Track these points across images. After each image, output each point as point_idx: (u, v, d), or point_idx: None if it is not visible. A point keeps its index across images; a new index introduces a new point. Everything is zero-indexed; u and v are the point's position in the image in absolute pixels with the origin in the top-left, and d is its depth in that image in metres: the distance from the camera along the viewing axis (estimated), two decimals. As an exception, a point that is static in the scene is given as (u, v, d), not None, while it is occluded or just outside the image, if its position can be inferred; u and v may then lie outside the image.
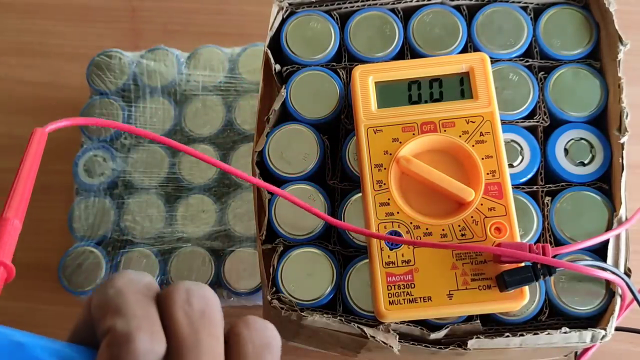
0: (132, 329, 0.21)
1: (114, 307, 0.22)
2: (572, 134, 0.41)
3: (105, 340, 0.22)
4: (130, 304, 0.22)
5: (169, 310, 0.23)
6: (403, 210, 0.37)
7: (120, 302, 0.22)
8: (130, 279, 0.24)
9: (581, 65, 0.42)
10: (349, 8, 0.44)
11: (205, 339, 0.23)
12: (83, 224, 0.53)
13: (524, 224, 0.39)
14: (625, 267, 0.38)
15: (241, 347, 0.24)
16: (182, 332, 0.22)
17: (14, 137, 0.62)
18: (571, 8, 0.43)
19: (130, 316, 0.22)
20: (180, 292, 0.23)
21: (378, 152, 0.38)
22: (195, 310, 0.23)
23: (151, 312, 0.23)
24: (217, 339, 0.23)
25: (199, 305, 0.23)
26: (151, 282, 0.24)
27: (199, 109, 0.56)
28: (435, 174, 0.37)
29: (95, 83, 0.57)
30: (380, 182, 0.37)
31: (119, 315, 0.22)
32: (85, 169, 0.54)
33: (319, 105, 0.42)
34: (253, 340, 0.24)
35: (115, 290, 0.23)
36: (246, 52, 0.57)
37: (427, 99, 0.39)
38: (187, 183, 0.54)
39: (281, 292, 0.38)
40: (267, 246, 0.40)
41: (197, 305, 0.23)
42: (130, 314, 0.22)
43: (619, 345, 0.51)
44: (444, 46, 0.42)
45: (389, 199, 0.37)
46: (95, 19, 0.66)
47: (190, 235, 0.52)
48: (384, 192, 0.37)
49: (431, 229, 0.36)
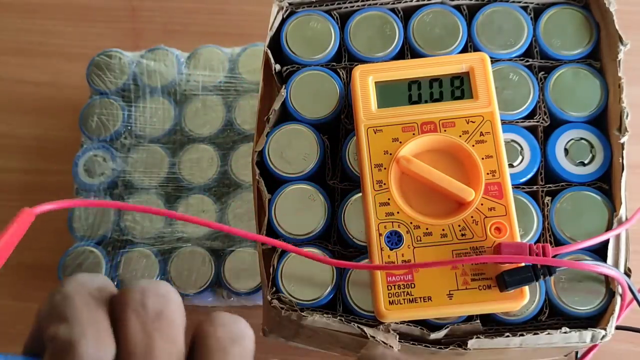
0: (76, 336, 0.20)
1: (59, 313, 0.21)
2: (572, 134, 0.41)
3: (49, 349, 0.21)
4: (76, 309, 0.21)
5: (120, 314, 0.22)
6: (403, 210, 0.37)
7: (66, 308, 0.21)
8: (80, 282, 0.22)
9: (581, 65, 0.42)
10: (349, 8, 0.44)
11: (160, 344, 0.21)
12: (83, 224, 0.53)
13: (524, 224, 0.39)
14: (625, 267, 0.38)
15: (204, 343, 0.22)
16: (133, 337, 0.21)
17: (14, 137, 0.62)
18: (571, 8, 0.43)
19: (75, 322, 0.21)
20: (133, 293, 0.22)
21: (378, 152, 0.38)
22: (149, 313, 0.22)
23: (99, 316, 0.21)
24: (173, 342, 0.21)
25: (154, 306, 0.22)
26: (104, 284, 0.23)
27: (199, 109, 0.56)
28: (435, 174, 0.37)
29: (95, 83, 0.57)
30: (380, 182, 0.37)
31: (63, 321, 0.21)
32: (85, 169, 0.54)
33: (319, 105, 0.42)
34: (217, 335, 0.22)
35: (61, 296, 0.21)
36: (246, 52, 0.57)
37: (427, 99, 0.39)
38: (187, 183, 0.54)
39: (281, 292, 0.38)
40: (267, 246, 0.40)
41: (152, 307, 0.22)
42: (74, 319, 0.21)
43: (619, 345, 0.51)
44: (444, 46, 0.42)
45: (389, 199, 0.37)
46: (95, 19, 0.66)
47: (190, 235, 0.52)
48: (384, 192, 0.37)
49: (431, 229, 0.36)
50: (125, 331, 0.21)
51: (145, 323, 0.21)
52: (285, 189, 0.40)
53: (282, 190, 0.40)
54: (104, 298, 0.22)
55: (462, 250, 0.36)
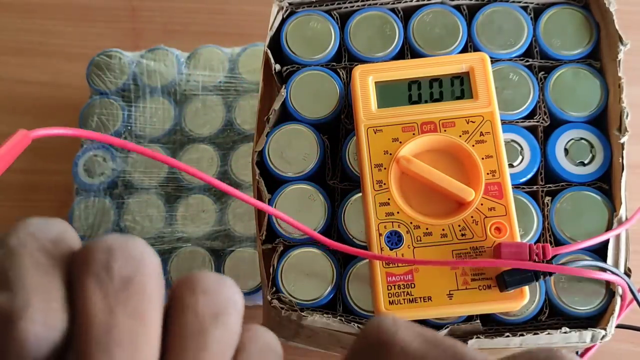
0: (18, 306, 0.16)
1: (0, 275, 0.16)
2: (572, 134, 0.41)
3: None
4: (22, 270, 0.16)
5: (77, 280, 0.17)
6: (403, 210, 0.37)
7: (8, 268, 0.16)
8: (31, 233, 0.17)
9: (581, 65, 0.42)
10: (349, 8, 0.44)
11: (124, 321, 0.16)
12: (83, 224, 0.53)
13: (524, 224, 0.39)
14: (625, 267, 0.38)
15: (180, 321, 0.18)
16: (91, 311, 0.16)
17: (14, 137, 0.62)
18: (571, 8, 0.43)
19: (18, 288, 0.16)
20: (97, 253, 0.17)
21: (378, 152, 0.38)
22: (115, 280, 0.17)
23: (51, 280, 0.17)
24: (141, 320, 0.17)
25: (122, 271, 0.17)
26: (61, 236, 0.18)
27: (199, 109, 0.56)
28: (435, 174, 0.37)
29: (95, 83, 0.57)
30: (380, 182, 0.37)
31: (5, 287, 0.16)
32: (85, 168, 0.54)
33: (319, 105, 0.42)
34: (197, 308, 0.18)
35: (4, 251, 0.17)
36: (246, 52, 0.57)
37: (427, 99, 0.39)
38: (187, 183, 0.54)
39: (281, 292, 0.38)
40: (267, 246, 0.40)
41: (119, 272, 0.17)
42: (18, 285, 0.16)
43: (619, 345, 0.51)
44: (444, 46, 0.42)
45: (389, 199, 0.37)
46: (95, 19, 0.66)
47: (190, 235, 0.52)
48: (384, 192, 0.37)
49: (431, 229, 0.36)
50: (82, 303, 0.16)
51: (108, 293, 0.17)
52: (285, 189, 0.40)
53: (282, 190, 0.40)
54: (60, 255, 0.17)
55: (462, 250, 0.36)
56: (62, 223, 0.18)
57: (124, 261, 0.17)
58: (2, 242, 0.17)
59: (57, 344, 0.16)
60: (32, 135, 0.23)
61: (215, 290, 0.18)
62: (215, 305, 0.18)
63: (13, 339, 0.16)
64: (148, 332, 0.17)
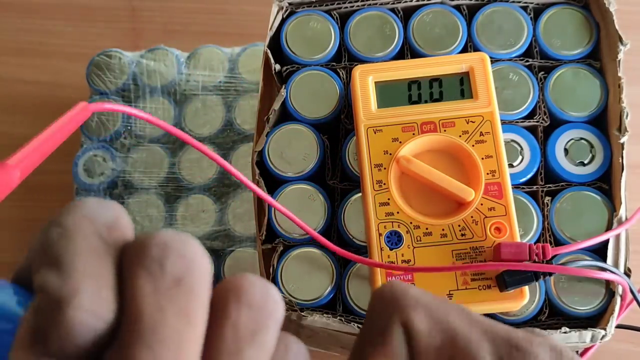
0: (68, 291, 0.15)
1: (53, 255, 0.16)
2: (572, 134, 0.41)
3: (36, 300, 0.16)
4: (75, 254, 0.16)
5: (130, 272, 0.17)
6: (403, 210, 0.37)
7: (61, 251, 0.16)
8: (87, 214, 0.17)
9: (581, 65, 0.42)
10: (349, 8, 0.44)
11: (172, 321, 0.16)
12: (83, 224, 0.53)
13: (524, 224, 0.39)
14: (625, 267, 0.38)
15: (219, 329, 0.17)
16: (140, 306, 0.16)
17: (14, 137, 0.62)
18: (571, 8, 0.43)
19: (70, 272, 0.16)
20: (152, 247, 0.17)
21: (378, 152, 0.38)
22: (167, 277, 0.16)
23: (103, 268, 0.16)
24: (187, 321, 0.16)
25: (175, 270, 0.17)
26: (116, 221, 0.17)
27: (198, 109, 0.56)
28: (435, 174, 0.37)
29: (95, 83, 0.57)
30: (380, 182, 0.37)
31: (56, 270, 0.16)
32: (85, 169, 0.54)
33: (319, 105, 0.42)
34: (238, 322, 0.17)
35: (59, 231, 0.16)
36: (246, 52, 0.57)
37: (427, 99, 0.39)
38: (187, 183, 0.54)
39: (281, 292, 0.38)
40: (267, 246, 0.40)
41: (172, 270, 0.17)
42: (70, 268, 0.16)
43: (619, 345, 0.51)
44: (444, 46, 0.42)
45: (388, 199, 0.37)
46: (95, 19, 0.66)
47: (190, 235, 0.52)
48: (384, 192, 0.37)
49: (431, 229, 0.36)
50: (132, 295, 0.16)
51: (159, 290, 0.16)
52: (285, 189, 0.40)
53: (282, 190, 0.40)
54: (113, 242, 0.17)
55: (462, 250, 0.36)
56: (117, 207, 0.18)
57: (178, 259, 0.17)
58: (58, 221, 0.17)
59: (102, 333, 0.16)
60: (91, 108, 0.24)
61: (260, 305, 0.18)
62: (257, 323, 0.17)
63: (59, 322, 0.15)
64: (193, 334, 0.17)
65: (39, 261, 0.16)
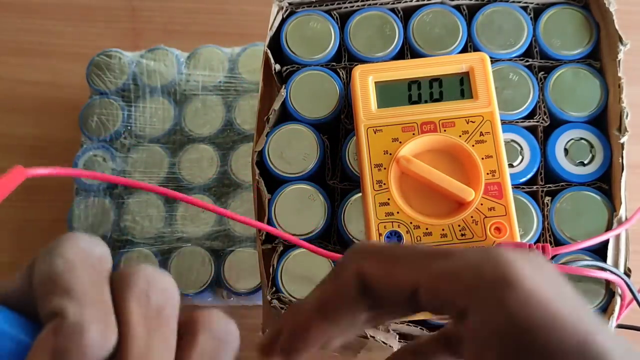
0: (85, 318, 0.18)
1: (64, 285, 0.19)
2: (572, 134, 0.41)
3: (52, 326, 0.18)
4: (83, 285, 0.19)
5: (124, 301, 0.19)
6: (403, 210, 0.37)
7: (72, 280, 0.19)
8: (82, 250, 0.19)
9: (581, 65, 0.42)
10: (349, 8, 0.44)
11: (157, 344, 0.19)
12: (83, 224, 0.53)
13: (524, 224, 0.39)
14: (625, 267, 0.38)
15: (187, 354, 0.20)
16: (135, 331, 0.19)
17: (14, 137, 0.62)
18: (571, 8, 0.43)
19: (84, 302, 0.18)
20: (140, 281, 0.20)
21: (378, 152, 0.38)
22: (152, 306, 0.20)
23: (105, 297, 0.19)
24: (168, 344, 0.20)
25: (157, 301, 0.20)
26: (103, 256, 0.20)
27: (198, 109, 0.56)
28: (435, 174, 0.37)
29: (95, 83, 0.57)
30: (380, 182, 0.37)
31: (70, 297, 0.18)
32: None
33: (318, 105, 0.42)
34: (204, 350, 0.20)
35: (64, 262, 0.19)
36: (246, 52, 0.57)
37: (427, 99, 0.39)
38: (186, 183, 0.54)
39: (281, 292, 0.38)
40: (267, 246, 0.40)
41: (155, 300, 0.20)
42: (83, 298, 0.18)
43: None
44: (444, 46, 0.42)
45: (388, 199, 0.37)
46: (95, 19, 0.66)
47: (190, 235, 0.52)
48: (383, 192, 0.37)
49: (431, 229, 0.36)
50: (128, 323, 0.19)
51: (148, 318, 0.19)
52: (285, 189, 0.40)
53: (282, 190, 0.40)
54: (105, 273, 0.20)
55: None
56: (101, 243, 0.20)
57: (159, 292, 0.20)
58: (58, 252, 0.19)
59: (108, 354, 0.19)
60: (27, 174, 0.26)
61: (222, 337, 0.21)
62: (218, 351, 0.21)
63: (79, 345, 0.18)
64: (170, 356, 0.20)
65: (49, 289, 0.19)
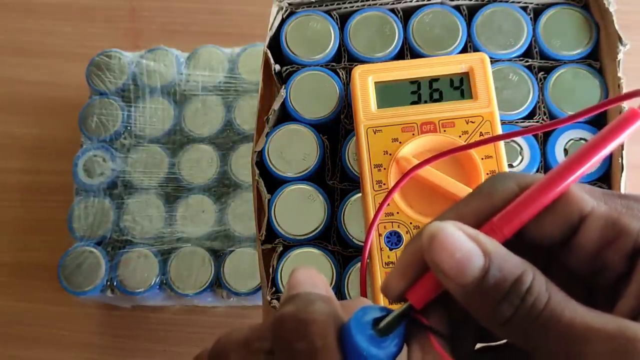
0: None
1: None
2: (572, 134, 0.41)
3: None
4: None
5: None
6: (403, 210, 0.37)
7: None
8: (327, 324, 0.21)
9: (581, 66, 0.42)
10: (348, 8, 0.44)
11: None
12: (83, 224, 0.53)
13: (524, 224, 0.39)
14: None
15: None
16: None
17: (13, 137, 0.62)
18: (571, 8, 0.43)
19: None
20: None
21: (378, 152, 0.38)
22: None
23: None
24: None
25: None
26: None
27: (198, 109, 0.56)
28: (435, 175, 0.37)
29: (95, 83, 0.57)
30: (380, 182, 0.37)
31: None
32: (85, 169, 0.54)
33: (318, 105, 0.42)
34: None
35: (312, 347, 0.20)
36: (246, 52, 0.57)
37: (426, 99, 0.39)
38: (186, 183, 0.54)
39: (281, 292, 0.38)
40: (266, 246, 0.40)
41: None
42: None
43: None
44: (443, 46, 0.42)
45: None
46: (95, 19, 0.66)
47: (190, 235, 0.52)
48: (383, 192, 0.37)
49: (431, 229, 0.36)
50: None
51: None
52: (285, 189, 0.40)
53: (281, 191, 0.40)
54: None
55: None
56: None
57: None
58: (306, 334, 0.21)
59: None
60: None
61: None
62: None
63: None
64: None
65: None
